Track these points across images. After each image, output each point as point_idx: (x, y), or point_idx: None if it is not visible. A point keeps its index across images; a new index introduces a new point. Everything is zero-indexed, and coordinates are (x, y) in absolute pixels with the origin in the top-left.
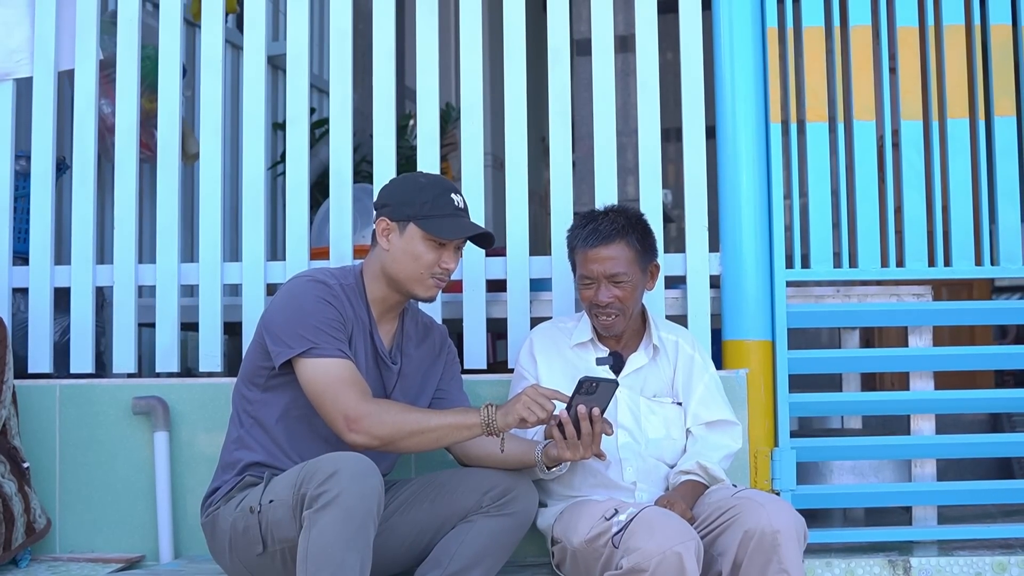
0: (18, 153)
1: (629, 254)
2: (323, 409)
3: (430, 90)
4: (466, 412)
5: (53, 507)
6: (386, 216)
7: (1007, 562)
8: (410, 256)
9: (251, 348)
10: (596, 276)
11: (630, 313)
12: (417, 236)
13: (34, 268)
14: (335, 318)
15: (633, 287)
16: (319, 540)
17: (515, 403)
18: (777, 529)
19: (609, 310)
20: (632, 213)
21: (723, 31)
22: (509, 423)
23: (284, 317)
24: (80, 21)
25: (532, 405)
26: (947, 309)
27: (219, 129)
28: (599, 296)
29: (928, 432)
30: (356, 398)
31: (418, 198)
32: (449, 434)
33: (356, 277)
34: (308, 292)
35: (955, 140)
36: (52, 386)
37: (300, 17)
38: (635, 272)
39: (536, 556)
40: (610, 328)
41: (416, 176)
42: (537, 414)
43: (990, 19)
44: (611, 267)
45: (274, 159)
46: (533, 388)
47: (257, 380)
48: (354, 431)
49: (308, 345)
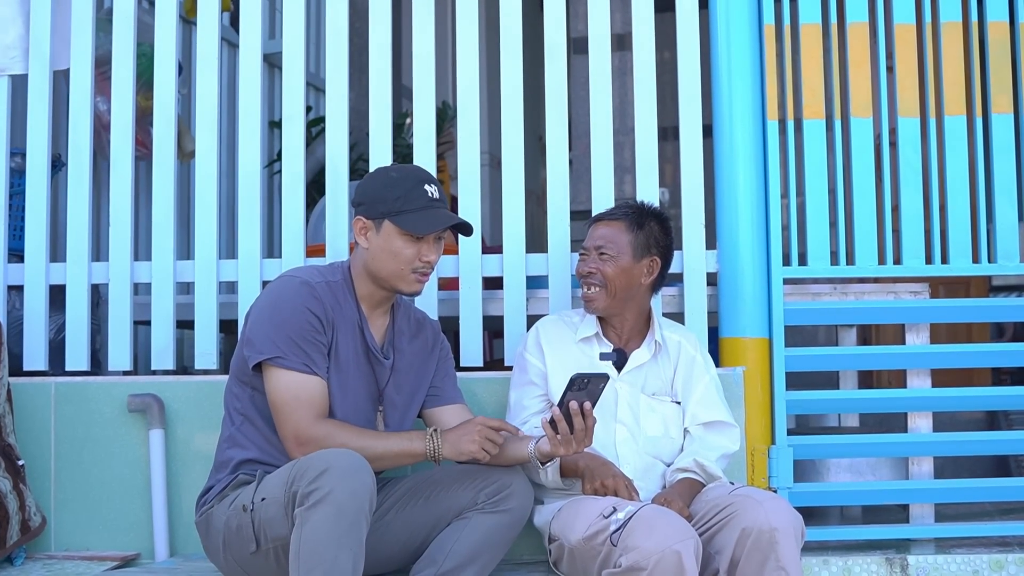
0: (13, 150)
1: (625, 236)
2: (277, 423)
3: (426, 88)
4: (412, 439)
5: (48, 505)
6: (362, 215)
7: (1004, 560)
8: (389, 254)
9: (239, 346)
10: (589, 248)
11: (614, 293)
12: (393, 233)
13: (29, 265)
14: (312, 327)
15: (618, 266)
16: (311, 538)
17: (463, 436)
18: (775, 527)
19: (590, 280)
20: (650, 207)
21: (720, 29)
22: (455, 456)
23: (261, 318)
24: (76, 18)
25: (485, 443)
26: (945, 307)
27: (215, 127)
28: (584, 265)
29: (925, 430)
30: (309, 419)
31: (391, 194)
32: (395, 462)
33: (344, 273)
34: (290, 297)
35: (952, 137)
36: (47, 384)
37: (296, 15)
38: (625, 252)
39: (532, 554)
40: (592, 302)
41: (388, 171)
42: (489, 451)
43: (987, 16)
44: (601, 239)
45: (270, 157)
46: (482, 423)
47: (244, 377)
48: (301, 453)
49: (276, 353)
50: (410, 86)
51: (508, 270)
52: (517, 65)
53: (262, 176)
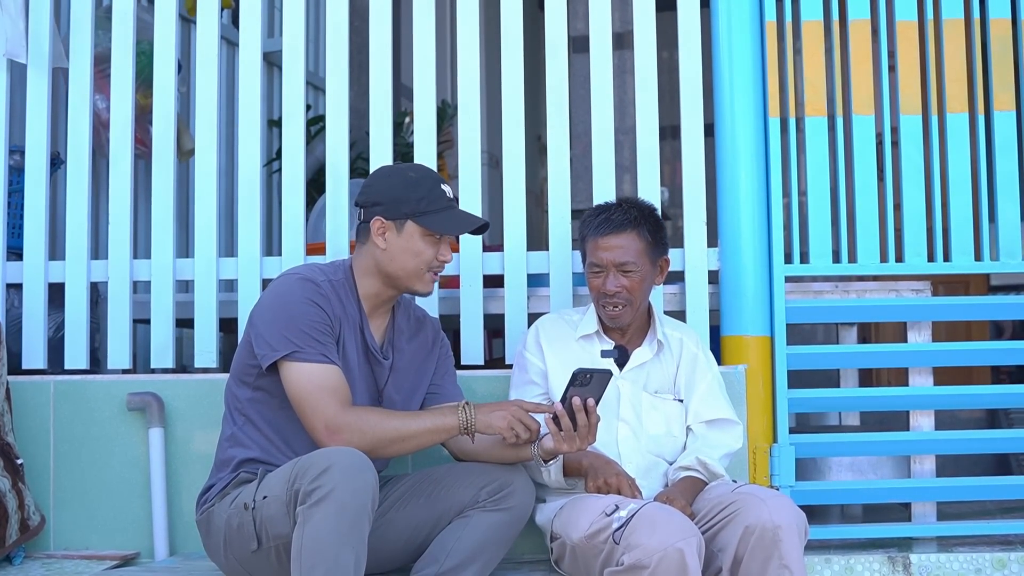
0: (12, 148)
1: (639, 245)
2: (304, 416)
3: (426, 87)
4: (444, 414)
5: (47, 504)
6: (381, 215)
7: (1007, 558)
8: (410, 254)
9: (240, 346)
10: (605, 264)
11: (637, 305)
12: (416, 233)
13: (28, 264)
14: (322, 320)
15: (641, 278)
16: (313, 536)
17: (496, 412)
18: (778, 525)
19: (616, 300)
20: (645, 205)
21: (721, 26)
22: (486, 430)
23: (270, 318)
24: (75, 16)
25: (517, 425)
26: (946, 305)
27: (214, 125)
28: (607, 285)
29: (927, 428)
30: (337, 407)
31: (413, 194)
32: (429, 439)
33: (346, 272)
34: (295, 292)
35: (954, 135)
36: (46, 382)
37: (296, 13)
38: (644, 263)
39: (534, 552)
40: (617, 319)
41: (404, 170)
42: (520, 435)
43: (989, 13)
44: (620, 256)
45: (270, 156)
46: (518, 406)
47: (247, 378)
48: (335, 442)
49: (292, 348)
50: (410, 85)
51: (509, 268)
52: (517, 64)
53: (262, 174)
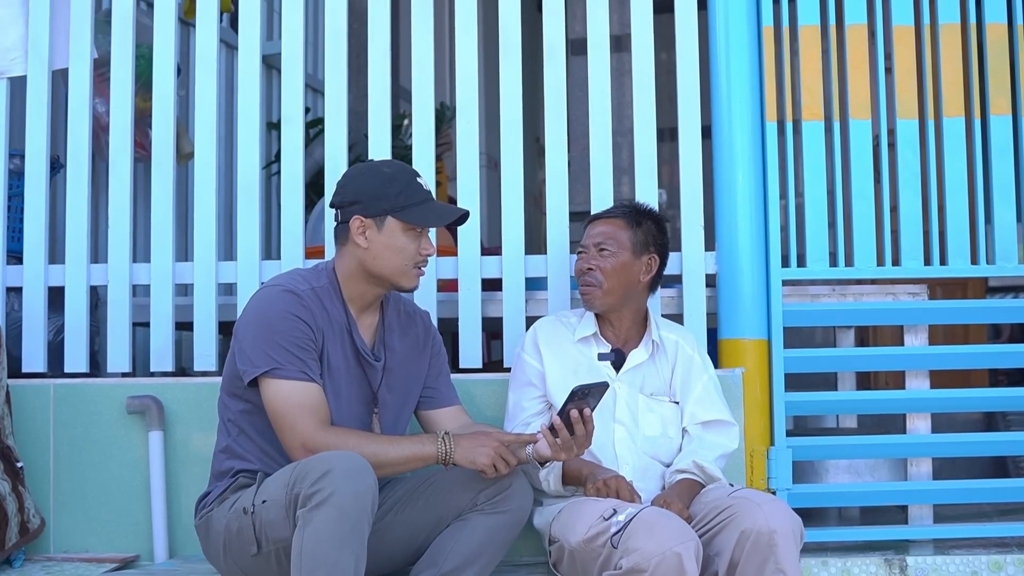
0: (12, 152)
1: (624, 233)
2: (281, 434)
3: (425, 90)
4: (423, 442)
5: (47, 507)
6: (360, 214)
7: (1003, 560)
8: (393, 250)
9: (228, 358)
10: (587, 245)
11: (610, 289)
12: (397, 229)
13: (28, 267)
14: (304, 334)
15: (617, 262)
16: (313, 539)
17: (479, 448)
18: (774, 529)
19: (587, 278)
20: (647, 207)
21: (719, 30)
22: (466, 464)
23: (253, 333)
24: (74, 20)
25: (498, 461)
26: (943, 308)
27: (213, 128)
28: (581, 262)
29: (924, 431)
30: (315, 426)
31: (391, 190)
32: (405, 467)
33: (329, 276)
34: (276, 305)
35: (951, 139)
36: (46, 385)
37: (295, 16)
38: (623, 249)
39: (532, 555)
40: (589, 300)
41: (378, 167)
42: (500, 470)
43: (986, 18)
44: (599, 236)
45: (268, 159)
46: (498, 441)
47: (236, 390)
48: None
49: (272, 364)
50: (408, 87)
51: (507, 271)
52: (516, 66)
53: (261, 177)
